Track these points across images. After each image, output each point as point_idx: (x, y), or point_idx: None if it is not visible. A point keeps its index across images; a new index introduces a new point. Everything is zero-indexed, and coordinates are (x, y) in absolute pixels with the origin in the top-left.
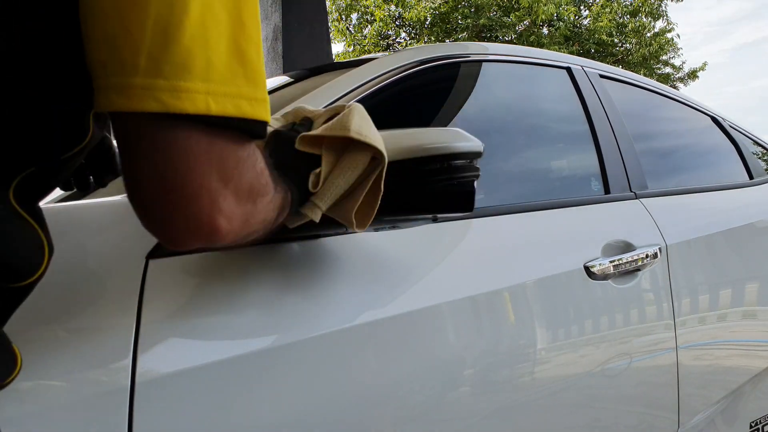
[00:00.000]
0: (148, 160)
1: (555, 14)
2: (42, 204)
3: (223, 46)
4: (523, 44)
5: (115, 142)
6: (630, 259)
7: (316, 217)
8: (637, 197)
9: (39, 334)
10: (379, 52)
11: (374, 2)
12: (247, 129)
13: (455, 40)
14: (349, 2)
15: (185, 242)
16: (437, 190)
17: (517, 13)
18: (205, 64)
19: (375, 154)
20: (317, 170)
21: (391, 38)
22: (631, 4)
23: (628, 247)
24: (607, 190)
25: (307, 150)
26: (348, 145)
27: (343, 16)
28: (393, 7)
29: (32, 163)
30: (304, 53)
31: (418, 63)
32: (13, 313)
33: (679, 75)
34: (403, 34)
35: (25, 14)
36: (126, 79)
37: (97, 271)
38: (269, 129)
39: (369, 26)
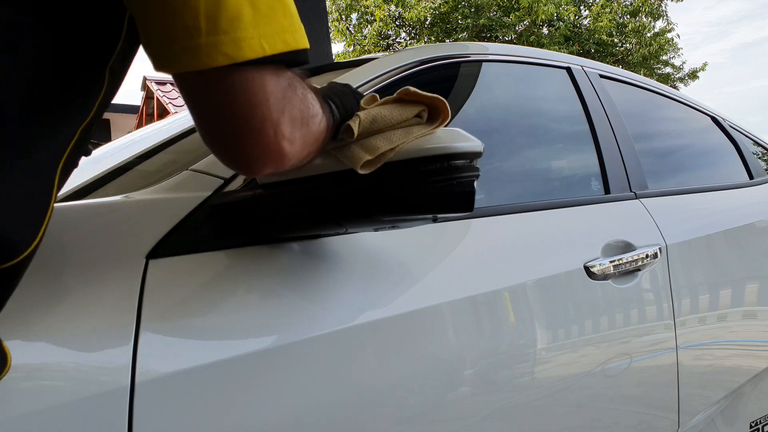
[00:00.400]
0: (217, 105)
1: (555, 14)
2: None
3: None
4: (523, 44)
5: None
6: (630, 259)
7: (355, 128)
8: (637, 197)
9: (39, 334)
10: (379, 52)
11: (374, 2)
12: (294, 59)
13: (455, 40)
14: (349, 2)
15: (260, 169)
16: (437, 190)
17: (517, 13)
18: (252, 11)
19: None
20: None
21: (391, 38)
22: (631, 4)
23: (628, 247)
24: (607, 190)
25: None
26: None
27: (343, 16)
28: (393, 7)
29: (71, 126)
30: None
31: (418, 63)
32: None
33: (679, 75)
34: (403, 34)
35: None
36: (193, 41)
37: (97, 271)
38: None
39: (369, 26)
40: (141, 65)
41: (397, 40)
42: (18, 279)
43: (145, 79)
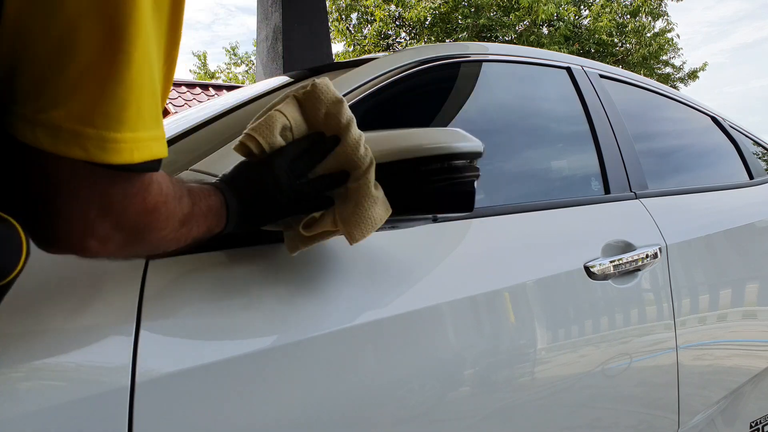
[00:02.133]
0: (44, 187)
1: (555, 14)
2: None
3: (149, 89)
4: (523, 44)
5: None
6: (630, 259)
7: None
8: (637, 197)
9: (39, 334)
10: (379, 52)
11: (374, 2)
12: (150, 168)
13: (455, 40)
14: (349, 2)
15: (58, 252)
16: (437, 190)
17: (517, 13)
18: (137, 115)
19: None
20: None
21: (391, 38)
22: (631, 4)
23: (628, 247)
24: (607, 190)
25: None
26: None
27: (343, 16)
28: (393, 7)
29: None
30: (304, 53)
31: (418, 63)
32: None
33: (679, 75)
34: (403, 34)
35: None
36: (55, 120)
37: (97, 271)
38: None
39: (369, 26)
40: None
41: (397, 40)
42: (2, 296)
43: None
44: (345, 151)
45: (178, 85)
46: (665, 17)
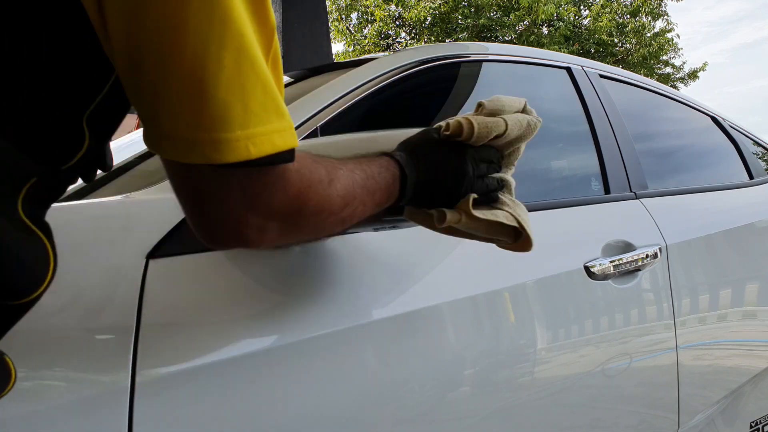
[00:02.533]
0: (187, 192)
1: (555, 14)
2: None
3: (259, 88)
4: (523, 44)
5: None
6: (630, 259)
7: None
8: (637, 197)
9: (39, 334)
10: (379, 52)
11: (374, 2)
12: (278, 161)
13: (455, 40)
14: (349, 2)
15: (223, 248)
16: None
17: (517, 13)
18: (243, 112)
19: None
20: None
21: (391, 38)
22: (631, 4)
23: (628, 247)
24: (607, 190)
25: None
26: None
27: (343, 16)
28: (393, 7)
29: (34, 173)
30: (304, 53)
31: (418, 63)
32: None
33: (679, 75)
34: (403, 34)
35: (31, 15)
36: (171, 130)
37: (97, 271)
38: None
39: (369, 26)
40: None
41: (397, 40)
42: (29, 309)
43: None
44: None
45: None
46: (665, 17)
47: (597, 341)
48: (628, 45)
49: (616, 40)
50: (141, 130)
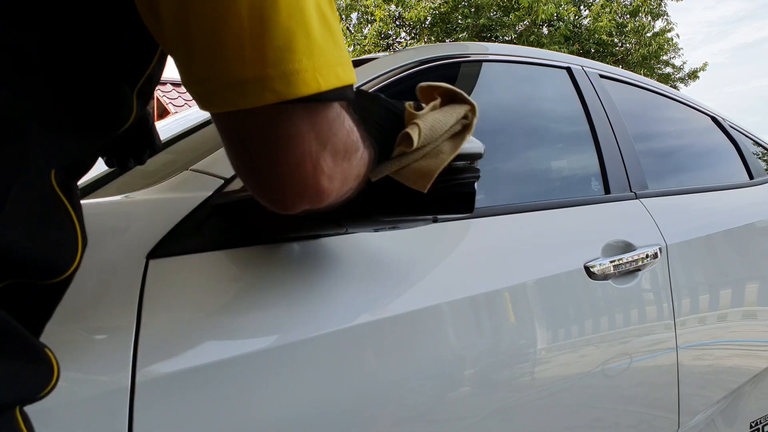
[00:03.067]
0: (256, 143)
1: (555, 14)
2: None
3: (315, 14)
4: (523, 44)
5: (154, 119)
6: (630, 259)
7: (414, 138)
8: (637, 197)
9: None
10: (379, 52)
11: (374, 2)
12: (343, 95)
13: (455, 40)
14: (349, 2)
15: (296, 206)
16: (438, 191)
17: (517, 13)
18: (306, 39)
19: (469, 110)
20: (417, 118)
21: (391, 38)
22: (631, 4)
23: (628, 247)
24: (607, 190)
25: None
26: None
27: (343, 16)
28: (393, 7)
29: (79, 143)
30: None
31: (418, 63)
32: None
33: (680, 75)
34: (403, 34)
35: None
36: (236, 76)
37: (97, 271)
38: None
39: (369, 26)
40: None
41: (397, 40)
42: (66, 288)
43: None
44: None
45: (178, 84)
46: (665, 17)
47: (597, 341)
48: (628, 45)
49: (616, 40)
50: None
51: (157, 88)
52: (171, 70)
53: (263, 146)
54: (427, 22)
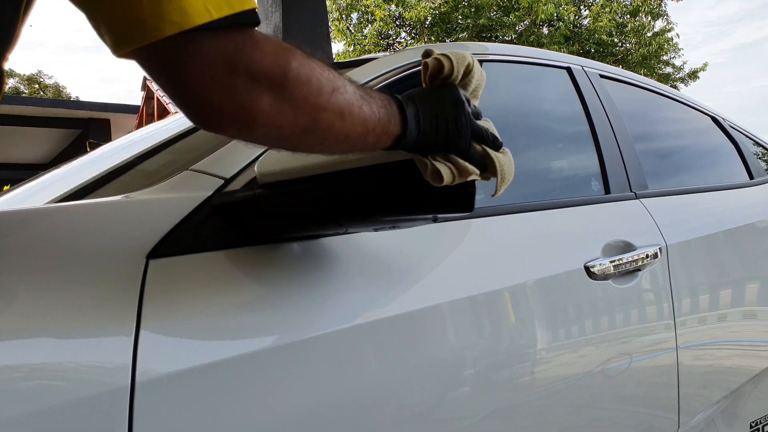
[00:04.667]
0: (172, 75)
1: (555, 14)
2: (41, 205)
3: None
4: (523, 44)
5: None
6: (630, 259)
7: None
8: (637, 197)
9: (39, 334)
10: (379, 52)
11: (374, 2)
12: (241, 21)
13: (455, 40)
14: (349, 2)
15: (222, 128)
16: (438, 190)
17: (517, 13)
18: None
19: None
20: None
21: (391, 38)
22: (631, 3)
23: (628, 247)
24: (607, 190)
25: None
26: None
27: (344, 16)
28: (393, 7)
29: None
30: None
31: (418, 63)
32: None
33: (680, 75)
34: (403, 34)
35: None
36: (138, 14)
37: (97, 271)
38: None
39: (369, 26)
40: None
41: (397, 40)
42: None
43: (145, 79)
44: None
45: None
46: (665, 17)
47: (597, 341)
48: (628, 45)
49: (616, 40)
50: (140, 130)
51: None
52: None
53: (179, 75)
54: (427, 22)
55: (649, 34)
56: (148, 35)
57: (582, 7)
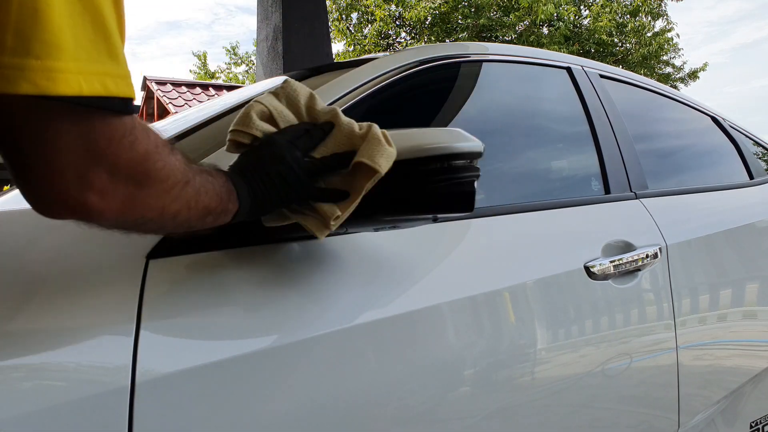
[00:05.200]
0: (17, 137)
1: (555, 14)
2: None
3: (89, 23)
4: (523, 44)
5: None
6: (630, 259)
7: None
8: (637, 197)
9: (39, 334)
10: (379, 52)
11: (374, 2)
12: (111, 107)
13: (455, 40)
14: (349, 2)
15: (60, 215)
16: (437, 190)
17: (517, 13)
18: (74, 43)
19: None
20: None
21: (391, 38)
22: (631, 3)
23: (628, 247)
24: (607, 190)
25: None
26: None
27: (344, 16)
28: (393, 7)
29: None
30: (304, 53)
31: (418, 63)
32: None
33: (680, 75)
34: (403, 34)
35: None
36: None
37: (97, 271)
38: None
39: (369, 26)
40: (141, 65)
41: (397, 40)
42: None
43: (145, 79)
44: (342, 132)
45: (178, 85)
46: (665, 17)
47: (597, 341)
48: (628, 45)
49: (616, 40)
50: None
51: (157, 88)
52: (171, 71)
53: (28, 144)
54: (427, 22)
55: (649, 34)
56: (6, 85)
57: (582, 7)
